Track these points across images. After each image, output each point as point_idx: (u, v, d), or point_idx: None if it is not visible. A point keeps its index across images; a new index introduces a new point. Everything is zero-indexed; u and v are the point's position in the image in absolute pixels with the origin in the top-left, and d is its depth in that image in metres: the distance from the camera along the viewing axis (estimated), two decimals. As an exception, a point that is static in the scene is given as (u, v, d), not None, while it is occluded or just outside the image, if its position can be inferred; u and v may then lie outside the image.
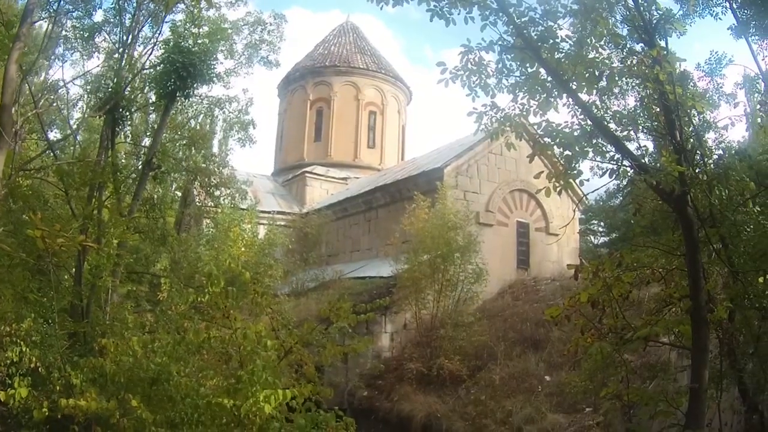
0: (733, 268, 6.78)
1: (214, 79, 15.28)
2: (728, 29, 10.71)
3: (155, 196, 16.55)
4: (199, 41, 14.44)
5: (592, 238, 44.61)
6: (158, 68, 14.80)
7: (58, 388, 7.82)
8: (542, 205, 26.00)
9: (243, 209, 24.15)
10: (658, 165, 6.51)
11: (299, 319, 16.09)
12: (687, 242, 6.52)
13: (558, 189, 7.57)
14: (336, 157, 36.55)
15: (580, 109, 7.23)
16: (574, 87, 7.03)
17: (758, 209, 7.10)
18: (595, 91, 7.14)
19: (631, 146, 7.31)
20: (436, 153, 28.72)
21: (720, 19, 10.78)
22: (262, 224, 27.48)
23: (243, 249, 21.51)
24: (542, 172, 7.84)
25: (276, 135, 40.87)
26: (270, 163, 40.66)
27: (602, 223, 44.57)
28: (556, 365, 15.79)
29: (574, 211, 25.96)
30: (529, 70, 8.06)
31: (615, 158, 7.01)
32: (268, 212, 29.73)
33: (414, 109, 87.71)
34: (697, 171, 6.97)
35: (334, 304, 7.32)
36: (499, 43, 7.64)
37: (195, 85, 14.88)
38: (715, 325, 6.77)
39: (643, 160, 6.92)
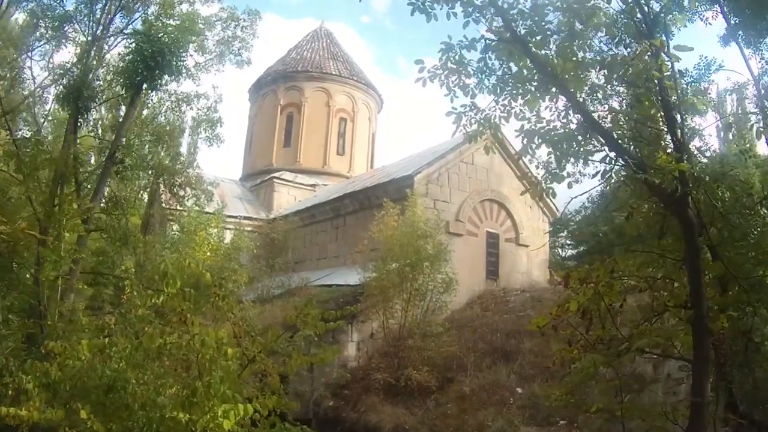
0: (735, 274, 6.44)
1: (183, 71, 14.86)
2: (724, 31, 10.49)
3: (118, 194, 15.97)
4: (170, 31, 13.97)
5: (560, 250, 44.65)
6: (127, 58, 14.32)
7: (10, 393, 7.35)
8: (512, 216, 25.87)
9: (209, 213, 23.69)
10: (655, 165, 6.16)
11: (264, 326, 15.63)
12: (688, 246, 6.18)
13: (542, 192, 7.20)
14: (305, 163, 36.07)
15: (570, 107, 6.90)
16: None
17: (765, 211, 6.77)
18: (585, 90, 6.83)
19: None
20: (407, 161, 28.38)
21: (710, 24, 10.58)
22: (229, 229, 27.02)
23: (208, 253, 21.02)
24: (533, 172, 7.46)
25: (245, 139, 40.36)
26: (239, 169, 40.16)
27: (570, 236, 44.62)
28: (528, 377, 15.51)
29: (555, 219, 25.88)
30: (513, 68, 7.78)
31: (608, 158, 6.68)
32: (235, 217, 29.28)
33: (384, 120, 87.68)
34: (698, 170, 6.63)
35: (301, 310, 6.79)
36: (484, 39, 7.31)
37: (163, 77, 14.46)
38: (714, 335, 6.44)
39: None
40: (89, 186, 14.70)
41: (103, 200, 14.71)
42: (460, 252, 22.45)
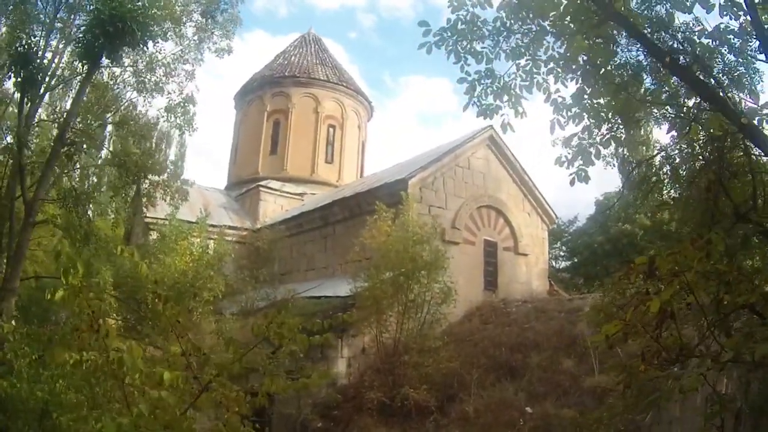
0: None
1: (147, 41, 13.39)
2: None
3: (77, 188, 14.47)
4: None
5: (554, 262, 43.64)
6: (84, 26, 12.86)
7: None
8: (511, 223, 24.62)
9: (192, 222, 22.46)
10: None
11: (246, 341, 14.26)
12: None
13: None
14: (292, 171, 34.67)
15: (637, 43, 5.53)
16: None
17: None
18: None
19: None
20: (399, 167, 27.08)
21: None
22: (212, 239, 25.58)
23: (191, 264, 19.66)
24: (575, 134, 6.08)
25: (231, 147, 38.97)
26: (225, 179, 38.72)
27: (564, 247, 43.79)
28: (538, 395, 14.15)
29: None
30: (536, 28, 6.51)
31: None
32: (219, 227, 27.82)
33: (373, 131, 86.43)
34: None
35: (274, 318, 5.05)
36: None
37: (124, 47, 13.00)
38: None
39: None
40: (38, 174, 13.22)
41: (48, 184, 13.19)
42: (457, 261, 21.01)
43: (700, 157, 6.74)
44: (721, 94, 4.95)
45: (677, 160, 6.92)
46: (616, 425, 8.24)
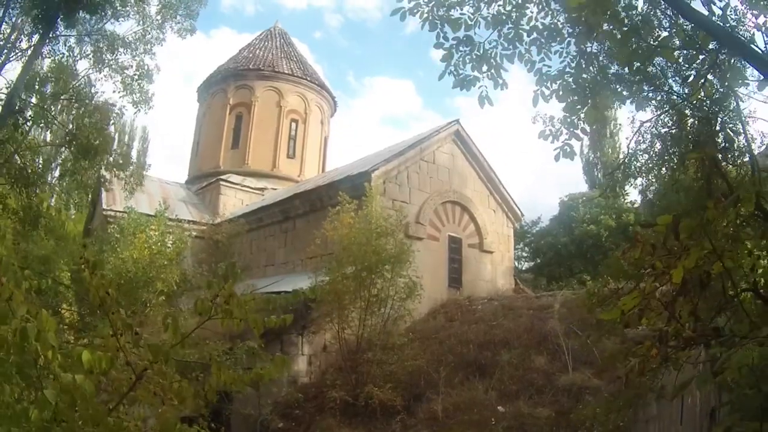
0: None
1: (106, 8, 12.68)
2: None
3: (28, 167, 13.66)
4: None
5: (516, 263, 43.28)
6: None
7: None
8: (476, 220, 24.22)
9: (150, 215, 21.84)
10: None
11: (203, 337, 13.56)
12: None
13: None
14: (254, 165, 34.05)
15: None
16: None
17: None
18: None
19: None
20: (362, 160, 26.45)
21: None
22: (170, 233, 24.79)
23: (147, 257, 18.98)
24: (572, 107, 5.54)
25: (192, 141, 38.25)
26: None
27: (527, 248, 43.42)
28: (510, 393, 13.64)
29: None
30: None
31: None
32: (178, 220, 26.95)
33: (336, 127, 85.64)
34: None
35: (220, 291, 4.26)
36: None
37: (81, 13, 12.27)
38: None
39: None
40: None
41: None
42: (421, 257, 20.39)
43: (690, 138, 6.24)
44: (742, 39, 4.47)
45: (668, 140, 6.43)
46: (615, 421, 7.71)
